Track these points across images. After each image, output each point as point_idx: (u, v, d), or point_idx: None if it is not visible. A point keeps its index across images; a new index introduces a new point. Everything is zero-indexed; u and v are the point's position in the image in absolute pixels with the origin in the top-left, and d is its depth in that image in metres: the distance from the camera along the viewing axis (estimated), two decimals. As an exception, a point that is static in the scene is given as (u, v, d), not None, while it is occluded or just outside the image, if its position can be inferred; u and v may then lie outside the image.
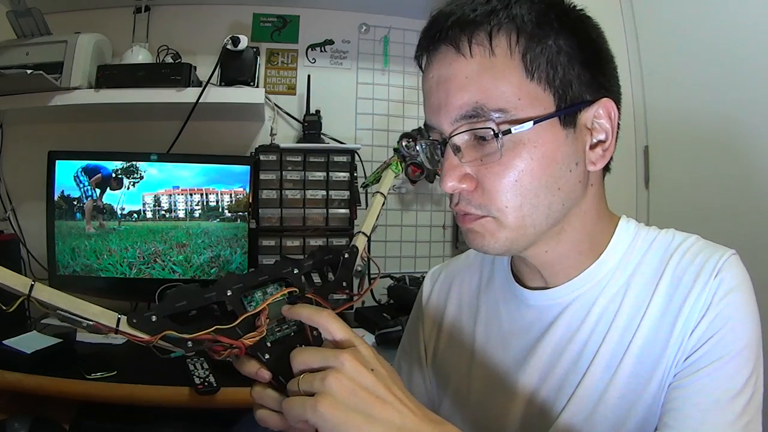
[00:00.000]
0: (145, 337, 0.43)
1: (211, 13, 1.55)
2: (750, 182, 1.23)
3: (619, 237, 0.58)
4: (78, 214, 1.33)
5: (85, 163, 1.33)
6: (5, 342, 1.09)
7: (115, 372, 0.99)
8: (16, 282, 0.40)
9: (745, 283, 0.51)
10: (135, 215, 1.35)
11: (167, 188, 1.36)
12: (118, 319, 0.43)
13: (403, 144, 0.64)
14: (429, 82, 0.54)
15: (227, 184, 1.38)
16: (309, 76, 1.55)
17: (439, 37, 0.51)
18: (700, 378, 0.48)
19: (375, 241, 1.60)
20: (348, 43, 1.63)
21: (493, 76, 0.48)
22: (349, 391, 0.41)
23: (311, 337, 0.49)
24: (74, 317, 0.42)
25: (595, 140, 0.52)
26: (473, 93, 0.49)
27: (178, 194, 1.36)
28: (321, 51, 1.62)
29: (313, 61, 1.61)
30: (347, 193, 1.43)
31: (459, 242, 1.65)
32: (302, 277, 0.52)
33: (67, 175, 1.33)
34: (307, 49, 1.61)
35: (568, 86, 0.49)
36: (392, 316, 1.29)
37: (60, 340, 1.14)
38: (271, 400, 0.46)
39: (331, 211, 1.43)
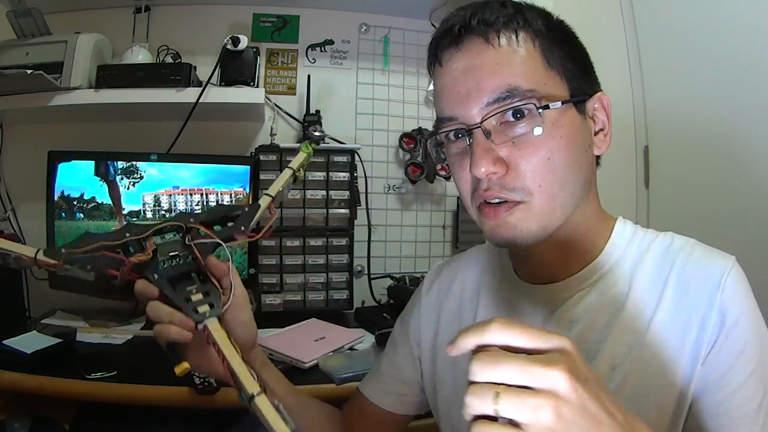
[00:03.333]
0: (53, 261, 0.51)
1: (211, 13, 1.55)
2: (750, 182, 1.23)
3: (618, 234, 0.60)
4: (78, 214, 1.33)
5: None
6: (5, 342, 1.09)
7: (115, 372, 0.99)
8: None
9: (750, 297, 0.53)
10: (135, 215, 1.35)
11: (167, 188, 1.36)
12: (36, 251, 0.51)
13: (312, 130, 0.69)
14: (452, 73, 0.55)
15: (227, 184, 1.38)
16: (309, 76, 1.55)
17: (464, 31, 0.54)
18: (733, 397, 0.50)
19: (375, 241, 1.61)
20: (348, 43, 1.63)
21: (522, 63, 0.53)
22: (566, 424, 0.33)
23: (203, 265, 0.56)
24: (4, 252, 0.51)
25: (597, 129, 0.58)
26: (505, 76, 0.52)
27: (178, 194, 1.36)
28: (321, 51, 1.62)
29: (313, 61, 1.61)
30: (347, 193, 1.44)
31: (459, 242, 1.65)
32: (198, 223, 0.58)
33: (66, 175, 1.33)
34: (307, 49, 1.61)
35: (574, 80, 0.55)
36: (392, 316, 1.29)
37: (60, 340, 1.14)
38: (164, 314, 0.52)
39: (331, 211, 1.43)
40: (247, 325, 0.62)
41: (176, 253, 0.56)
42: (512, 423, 0.33)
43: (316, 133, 0.71)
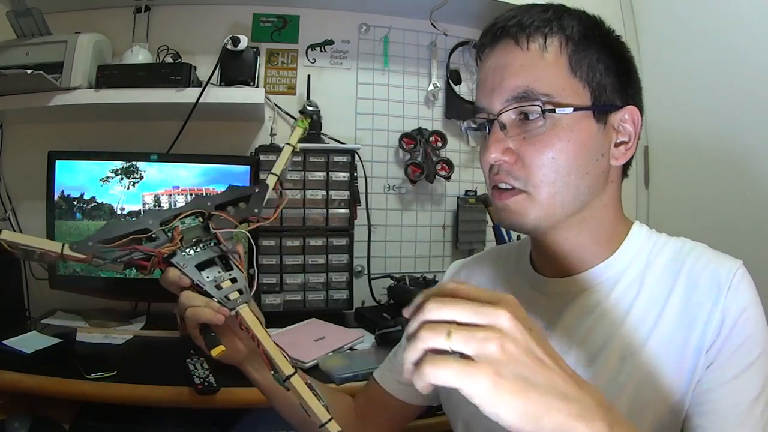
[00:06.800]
0: (83, 257, 0.53)
1: (211, 13, 1.54)
2: (749, 183, 1.23)
3: (633, 236, 0.63)
4: (78, 214, 1.33)
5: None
6: (5, 342, 1.09)
7: (115, 372, 0.99)
8: None
9: (754, 297, 0.56)
10: (135, 215, 1.35)
11: (167, 188, 1.36)
12: (63, 245, 0.53)
13: (306, 106, 0.72)
14: (486, 70, 0.61)
15: (227, 184, 1.38)
16: (309, 76, 1.55)
17: (501, 32, 0.59)
18: (728, 385, 0.53)
19: (375, 241, 1.60)
20: (348, 43, 1.63)
21: (544, 68, 0.57)
22: (512, 358, 0.37)
23: (227, 251, 0.58)
24: (30, 248, 0.52)
25: (619, 140, 0.60)
26: (525, 78, 0.57)
27: (178, 194, 1.36)
28: (321, 51, 1.62)
29: (313, 61, 1.61)
30: (347, 193, 1.43)
31: (459, 242, 1.65)
32: (214, 208, 0.61)
33: (67, 175, 1.33)
34: (307, 49, 1.61)
35: (603, 89, 0.58)
36: (392, 316, 1.29)
37: (60, 340, 1.14)
38: (199, 300, 0.54)
39: (331, 211, 1.43)
40: (257, 310, 0.64)
41: (199, 238, 0.58)
42: (462, 356, 0.37)
43: (310, 108, 0.76)
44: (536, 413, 0.36)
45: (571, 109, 0.56)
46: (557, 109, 0.56)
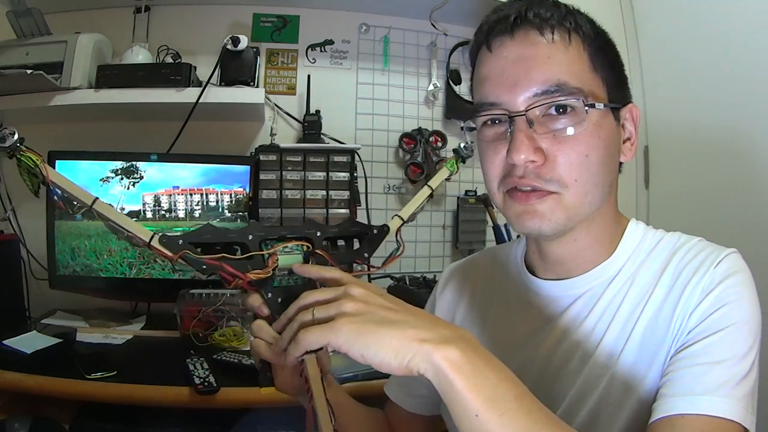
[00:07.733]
0: (169, 254, 0.51)
1: (211, 13, 1.55)
2: (749, 182, 1.23)
3: (630, 235, 0.62)
4: (78, 215, 1.33)
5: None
6: (5, 342, 1.09)
7: (115, 372, 0.99)
8: (83, 195, 0.55)
9: (744, 271, 0.54)
10: (135, 215, 1.35)
11: (167, 188, 1.36)
12: (152, 236, 0.51)
13: (462, 146, 0.69)
14: (502, 61, 0.56)
15: (227, 184, 1.38)
16: (309, 76, 1.55)
17: (520, 21, 0.55)
18: (697, 348, 0.50)
19: (375, 241, 1.60)
20: (348, 43, 1.63)
21: (571, 61, 0.54)
22: (362, 310, 0.45)
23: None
24: (119, 228, 0.52)
25: (624, 137, 0.60)
26: (556, 71, 0.53)
27: (178, 194, 1.36)
28: (321, 51, 1.62)
29: (313, 61, 1.61)
30: (347, 193, 1.43)
31: (459, 242, 1.65)
32: (323, 239, 0.57)
33: (67, 175, 1.32)
34: (307, 49, 1.61)
35: (612, 87, 0.57)
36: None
37: (60, 340, 1.14)
38: (267, 335, 0.52)
39: (331, 211, 1.43)
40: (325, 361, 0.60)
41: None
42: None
43: (466, 150, 0.70)
44: (394, 347, 0.42)
45: (602, 105, 0.54)
46: (596, 104, 0.54)
